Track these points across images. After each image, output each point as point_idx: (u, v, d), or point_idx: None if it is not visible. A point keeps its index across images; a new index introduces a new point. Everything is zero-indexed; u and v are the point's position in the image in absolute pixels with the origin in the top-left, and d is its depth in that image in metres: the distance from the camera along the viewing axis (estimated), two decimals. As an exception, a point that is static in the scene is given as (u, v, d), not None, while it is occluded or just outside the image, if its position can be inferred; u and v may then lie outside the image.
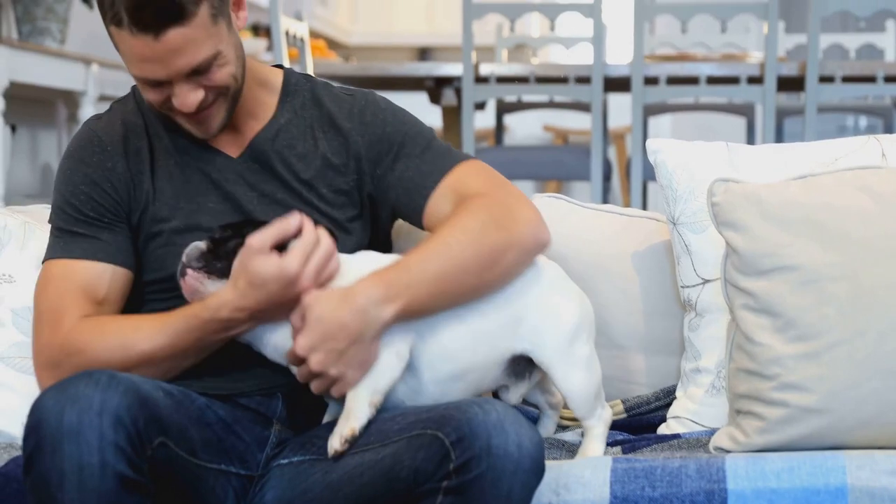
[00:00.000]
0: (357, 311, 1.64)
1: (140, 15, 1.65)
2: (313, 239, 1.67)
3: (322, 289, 1.67)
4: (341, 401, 1.70)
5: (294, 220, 1.67)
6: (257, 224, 1.70)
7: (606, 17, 4.74)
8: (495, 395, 1.84)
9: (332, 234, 1.71)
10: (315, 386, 1.68)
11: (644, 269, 2.08)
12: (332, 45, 9.82)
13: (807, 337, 1.73)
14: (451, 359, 1.72)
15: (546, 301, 1.77)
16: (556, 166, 4.93)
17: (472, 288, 1.72)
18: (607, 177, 4.76)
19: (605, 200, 4.75)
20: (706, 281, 1.95)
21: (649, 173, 4.53)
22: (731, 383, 1.82)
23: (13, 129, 4.66)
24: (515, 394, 1.82)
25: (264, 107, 1.88)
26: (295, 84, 1.91)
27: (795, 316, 1.74)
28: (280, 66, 1.94)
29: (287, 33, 4.78)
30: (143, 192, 1.82)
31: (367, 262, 1.73)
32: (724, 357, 1.89)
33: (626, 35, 4.80)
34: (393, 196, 1.85)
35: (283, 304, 1.67)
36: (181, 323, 1.73)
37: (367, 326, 1.64)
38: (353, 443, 1.64)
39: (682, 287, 1.99)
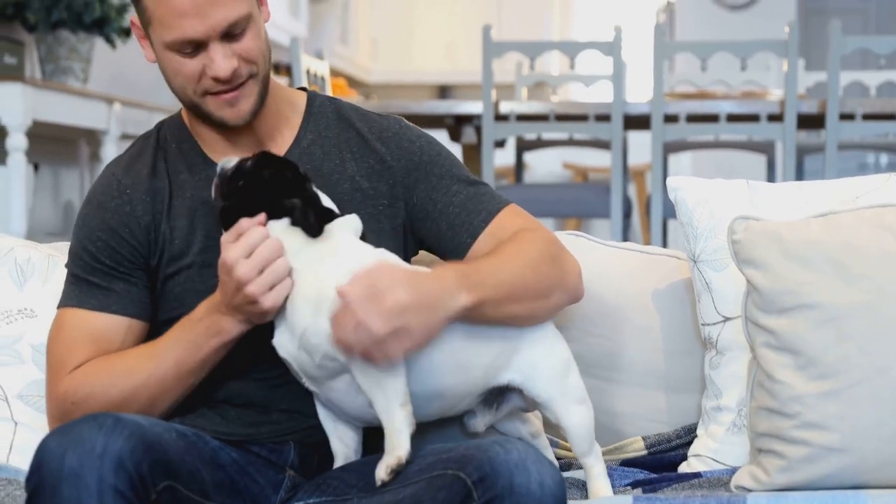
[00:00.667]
0: (427, 286, 1.61)
1: None
2: (258, 235, 1.64)
3: (277, 299, 1.63)
4: (348, 449, 1.73)
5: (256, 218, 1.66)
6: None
7: (626, 56, 4.75)
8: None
9: (321, 218, 1.66)
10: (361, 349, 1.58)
11: (664, 307, 2.08)
12: (353, 83, 9.87)
13: (828, 375, 1.72)
14: (438, 376, 1.68)
15: (539, 335, 1.77)
16: (576, 204, 4.93)
17: (529, 312, 1.74)
18: (627, 214, 4.76)
19: (625, 238, 4.75)
20: (727, 319, 1.94)
21: (669, 211, 4.53)
22: (752, 422, 1.81)
23: (36, 167, 4.70)
24: (481, 422, 1.79)
25: (288, 126, 1.86)
26: (319, 105, 1.90)
27: (817, 354, 1.73)
28: (303, 89, 1.93)
29: (308, 72, 4.80)
30: (161, 234, 1.81)
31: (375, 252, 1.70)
32: (745, 395, 1.88)
33: (646, 73, 4.82)
34: (433, 228, 1.83)
35: (242, 308, 1.65)
36: (171, 339, 1.74)
37: (441, 305, 1.61)
38: (399, 472, 1.60)
39: (702, 325, 1.98)
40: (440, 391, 1.70)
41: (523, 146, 5.64)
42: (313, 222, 1.66)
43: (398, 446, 1.61)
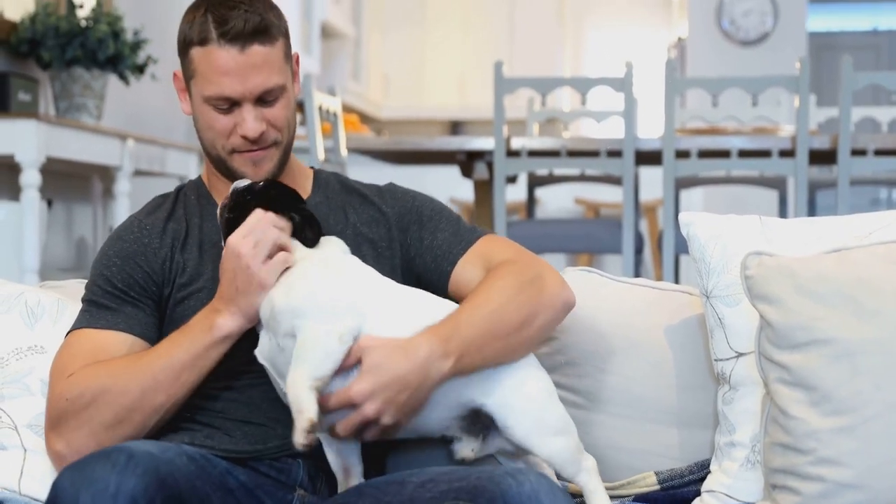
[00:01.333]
0: (418, 365, 1.69)
1: (231, 27, 1.81)
2: (263, 222, 1.76)
3: (270, 272, 1.73)
4: (347, 461, 1.77)
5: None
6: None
7: (637, 91, 4.76)
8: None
9: (303, 224, 1.80)
10: (355, 431, 1.70)
11: (677, 343, 2.07)
12: (365, 119, 9.91)
13: (842, 411, 1.72)
14: None
15: (510, 372, 1.77)
16: (588, 239, 4.93)
17: (513, 346, 1.79)
18: (639, 250, 4.75)
19: (637, 274, 4.74)
20: (740, 354, 1.94)
21: (681, 246, 4.52)
22: (766, 457, 1.81)
23: (49, 203, 4.71)
24: (467, 447, 1.79)
25: (300, 190, 1.96)
26: (325, 177, 2.04)
27: (831, 390, 1.73)
28: (311, 168, 2.07)
29: (320, 108, 4.82)
30: (175, 264, 1.90)
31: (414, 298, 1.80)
32: (758, 431, 1.87)
33: (658, 108, 4.82)
34: (420, 263, 1.94)
35: (238, 287, 1.74)
36: (166, 341, 1.81)
37: (427, 379, 1.70)
38: (315, 430, 1.63)
39: (715, 360, 1.98)
40: None
41: (535, 182, 5.65)
42: (310, 235, 1.81)
43: (305, 409, 1.63)
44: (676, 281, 4.89)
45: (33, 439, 1.95)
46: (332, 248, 1.84)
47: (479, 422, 1.78)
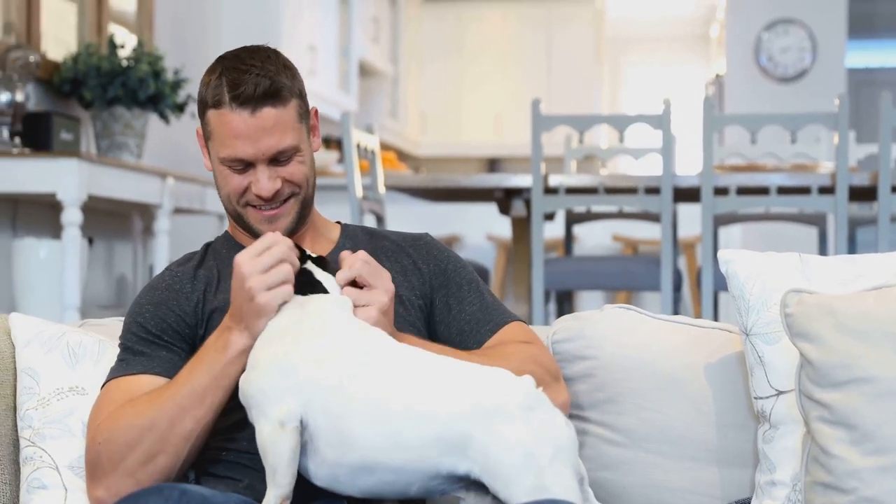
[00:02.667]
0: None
1: (242, 91, 1.85)
2: (269, 241, 1.76)
3: (271, 300, 1.73)
4: None
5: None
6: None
7: (675, 128, 4.75)
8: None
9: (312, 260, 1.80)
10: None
11: (716, 380, 2.06)
12: (402, 156, 9.95)
13: (885, 450, 1.70)
14: (355, 448, 1.64)
15: (498, 422, 1.61)
16: (626, 276, 4.91)
17: None
18: (677, 287, 4.73)
19: (676, 311, 4.72)
20: (780, 392, 1.93)
21: (720, 283, 4.50)
22: (807, 497, 1.79)
23: (90, 241, 4.75)
24: None
25: (326, 240, 2.02)
26: (352, 230, 2.07)
27: (872, 428, 1.71)
28: (338, 223, 2.10)
29: (358, 145, 4.85)
30: (207, 307, 1.92)
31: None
32: (799, 470, 1.85)
33: (696, 146, 4.81)
34: (444, 332, 1.97)
35: (242, 307, 1.75)
36: (185, 367, 1.82)
37: None
38: None
39: (755, 398, 1.97)
40: (367, 465, 1.65)
41: (573, 219, 5.64)
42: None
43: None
44: (715, 318, 4.86)
45: (73, 480, 1.95)
46: (329, 306, 1.77)
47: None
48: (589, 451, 2.06)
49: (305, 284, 1.78)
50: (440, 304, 1.98)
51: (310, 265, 1.81)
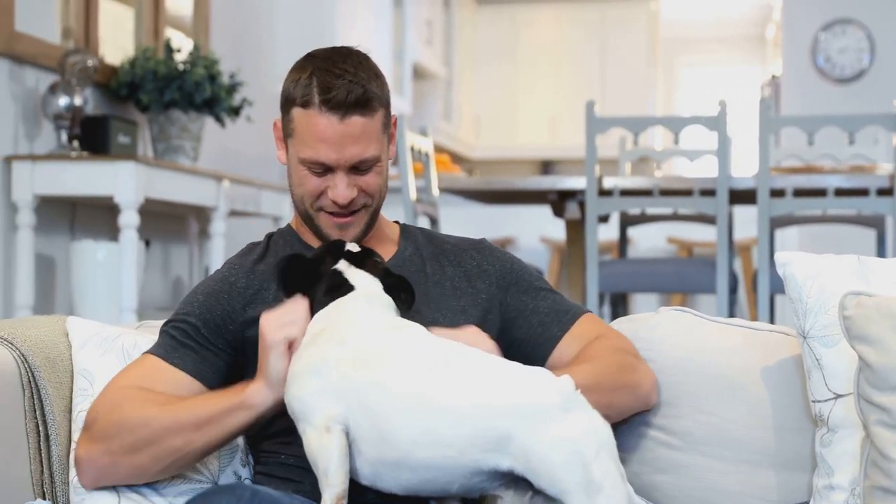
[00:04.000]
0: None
1: (333, 95, 1.84)
2: (299, 311, 1.77)
3: (279, 369, 1.73)
4: None
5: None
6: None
7: (731, 130, 4.72)
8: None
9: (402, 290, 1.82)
10: None
11: (773, 383, 2.05)
12: (456, 159, 9.96)
13: (945, 454, 1.68)
14: (395, 446, 1.64)
15: (542, 420, 1.61)
16: (681, 279, 4.89)
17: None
18: (733, 290, 4.70)
19: (732, 314, 4.69)
20: (838, 396, 1.91)
21: (777, 286, 4.46)
22: (866, 501, 1.77)
23: (147, 243, 4.80)
24: None
25: (389, 242, 2.02)
26: (412, 231, 2.07)
27: (933, 432, 1.69)
28: (395, 222, 2.10)
29: (412, 148, 4.86)
30: (256, 313, 1.88)
31: None
32: (858, 474, 1.83)
33: (752, 147, 4.78)
34: (524, 325, 1.98)
35: (261, 368, 1.76)
36: (206, 393, 1.84)
37: None
38: None
39: (813, 402, 1.95)
40: (408, 463, 1.65)
41: (627, 221, 5.62)
42: (405, 297, 1.82)
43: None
44: (771, 321, 4.83)
45: (124, 487, 1.93)
46: (357, 305, 1.78)
47: (521, 478, 1.65)
48: (645, 454, 2.05)
49: (336, 286, 1.79)
50: (513, 301, 1.99)
51: (341, 265, 1.81)
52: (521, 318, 1.98)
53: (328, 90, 1.84)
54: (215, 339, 1.90)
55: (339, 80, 1.84)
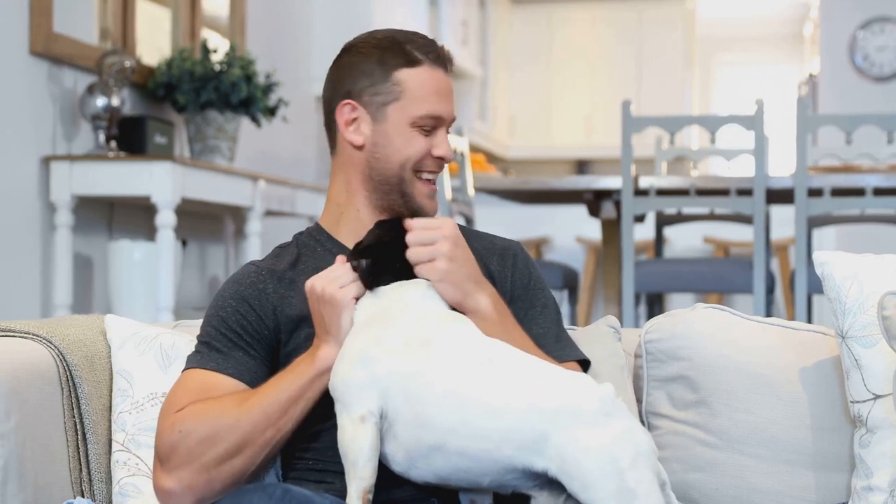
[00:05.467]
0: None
1: (435, 51, 1.92)
2: (334, 266, 1.80)
3: (346, 291, 1.77)
4: None
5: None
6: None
7: (768, 129, 4.70)
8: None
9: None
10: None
11: (811, 383, 2.04)
12: (491, 158, 9.96)
13: None
14: (431, 429, 1.65)
15: (580, 421, 1.61)
16: (718, 279, 4.86)
17: None
18: (770, 290, 4.67)
19: (769, 314, 4.66)
20: (877, 396, 1.89)
21: (814, 286, 4.44)
22: (905, 503, 1.76)
23: (184, 243, 4.82)
24: None
25: None
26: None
27: (974, 433, 1.67)
28: None
29: (448, 148, 4.85)
30: (291, 316, 1.90)
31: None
32: (897, 475, 1.82)
33: (789, 146, 4.75)
34: None
35: (324, 316, 1.78)
36: (274, 377, 1.83)
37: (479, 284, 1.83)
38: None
39: (851, 402, 1.94)
40: (442, 448, 1.65)
41: (663, 221, 5.60)
42: (366, 276, 1.80)
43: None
44: (809, 321, 4.80)
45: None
46: (411, 292, 1.80)
47: (555, 480, 1.64)
48: (682, 452, 2.04)
49: (406, 269, 1.80)
50: (516, 318, 1.93)
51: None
52: None
53: (430, 48, 1.92)
54: (253, 343, 1.90)
55: (427, 40, 1.93)
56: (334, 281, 1.78)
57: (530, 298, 1.98)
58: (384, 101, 1.91)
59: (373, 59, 1.91)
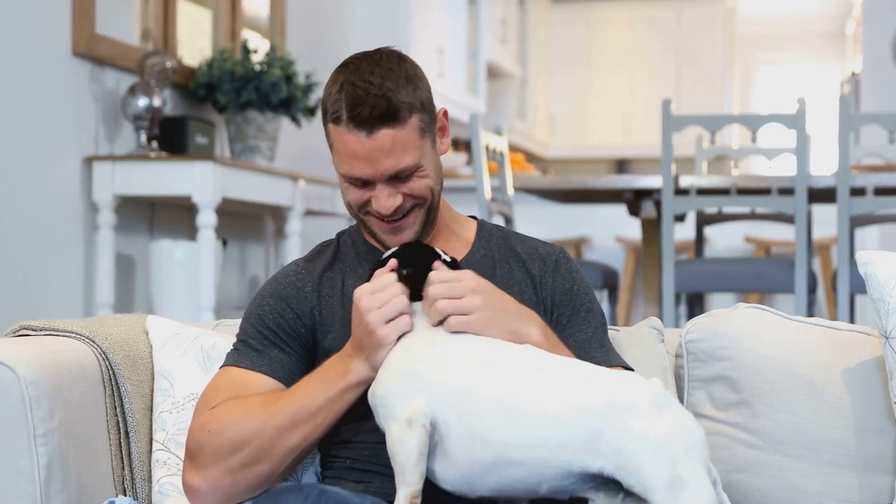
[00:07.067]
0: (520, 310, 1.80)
1: (358, 112, 1.80)
2: (386, 279, 1.77)
3: (390, 332, 1.74)
4: None
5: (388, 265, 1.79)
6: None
7: (810, 128, 4.66)
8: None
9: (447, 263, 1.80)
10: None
11: (854, 384, 2.02)
12: (531, 158, 9.95)
13: None
14: (487, 445, 1.65)
15: (631, 414, 1.62)
16: (759, 279, 4.83)
17: None
18: (812, 290, 4.64)
19: (811, 314, 4.63)
20: (921, 397, 1.88)
21: (857, 286, 4.40)
22: (950, 505, 1.74)
23: (224, 242, 4.84)
24: None
25: (460, 241, 1.99)
26: (488, 230, 2.03)
27: None
28: (473, 217, 2.07)
29: (487, 147, 4.86)
30: (330, 318, 1.90)
31: None
32: (942, 477, 1.80)
33: (831, 145, 4.71)
34: None
35: (362, 339, 1.75)
36: (303, 381, 1.82)
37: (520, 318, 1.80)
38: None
39: (895, 403, 1.92)
40: (500, 462, 1.65)
41: (704, 220, 5.57)
42: (414, 286, 1.78)
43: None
44: (851, 321, 4.76)
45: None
46: None
47: (614, 481, 1.65)
48: (723, 453, 2.03)
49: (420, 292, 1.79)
50: (554, 322, 1.93)
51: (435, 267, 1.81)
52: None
53: (354, 106, 1.80)
54: (290, 341, 1.90)
55: (365, 94, 1.79)
56: (382, 312, 1.74)
57: (574, 304, 1.96)
58: (329, 144, 1.89)
59: (324, 98, 1.87)
